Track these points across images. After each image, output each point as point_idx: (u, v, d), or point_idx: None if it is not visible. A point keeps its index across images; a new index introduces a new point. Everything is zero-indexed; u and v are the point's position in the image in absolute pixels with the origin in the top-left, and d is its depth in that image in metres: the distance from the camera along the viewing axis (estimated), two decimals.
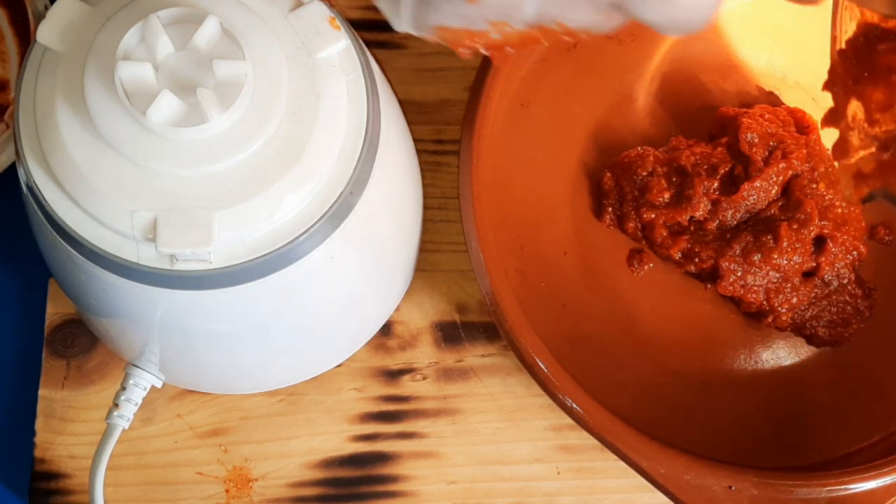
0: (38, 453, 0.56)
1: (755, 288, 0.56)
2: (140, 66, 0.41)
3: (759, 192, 0.56)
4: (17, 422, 0.57)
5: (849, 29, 0.53)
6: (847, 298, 0.58)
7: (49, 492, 0.56)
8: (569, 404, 0.52)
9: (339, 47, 0.45)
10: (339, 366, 0.58)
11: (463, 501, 0.56)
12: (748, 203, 0.56)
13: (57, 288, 0.58)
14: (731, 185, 0.57)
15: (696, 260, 0.57)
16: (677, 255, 0.58)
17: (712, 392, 0.57)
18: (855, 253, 0.57)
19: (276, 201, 0.43)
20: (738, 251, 0.56)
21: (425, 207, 0.58)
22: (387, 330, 0.59)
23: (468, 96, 0.56)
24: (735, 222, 0.57)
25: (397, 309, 0.59)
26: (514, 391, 0.58)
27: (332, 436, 0.57)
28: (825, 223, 0.57)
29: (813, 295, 0.57)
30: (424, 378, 0.58)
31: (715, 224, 0.57)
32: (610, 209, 0.59)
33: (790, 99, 0.62)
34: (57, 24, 0.44)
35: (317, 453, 0.57)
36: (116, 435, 0.52)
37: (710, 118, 0.60)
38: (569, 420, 0.52)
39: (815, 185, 0.57)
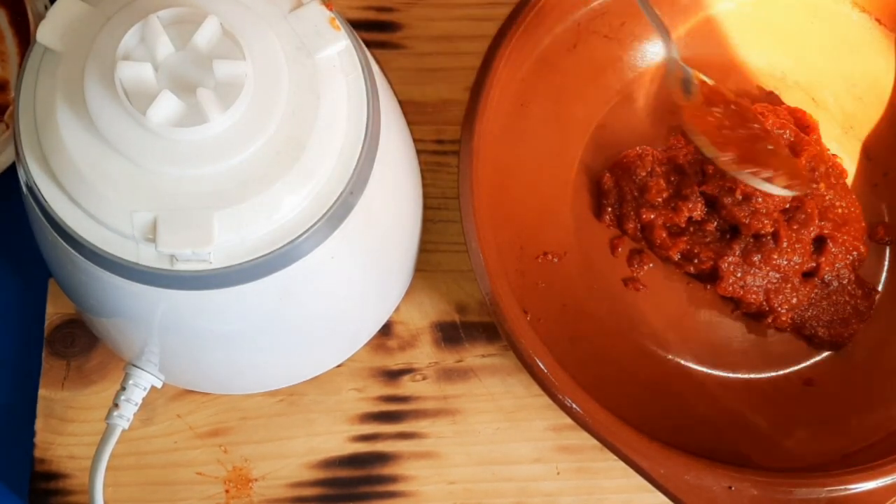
0: (37, 453, 0.56)
1: (755, 288, 0.56)
2: (140, 66, 0.41)
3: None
4: (16, 422, 0.57)
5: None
6: (847, 298, 0.58)
7: (49, 492, 0.56)
8: (568, 404, 0.52)
9: (339, 47, 0.45)
10: (339, 366, 0.58)
11: (463, 501, 0.56)
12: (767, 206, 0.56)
13: (57, 288, 0.58)
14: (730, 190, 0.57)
15: (696, 261, 0.57)
16: (677, 256, 0.58)
17: (712, 392, 0.57)
18: (855, 253, 0.57)
19: (276, 201, 0.43)
20: (737, 252, 0.56)
21: (425, 207, 0.58)
22: (387, 330, 0.59)
23: (468, 96, 0.56)
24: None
25: (397, 309, 0.59)
26: (514, 391, 0.58)
27: (331, 436, 0.57)
28: (825, 223, 0.57)
29: (813, 295, 0.57)
30: (424, 378, 0.58)
31: (714, 224, 0.57)
32: (610, 209, 0.59)
33: (790, 99, 0.62)
34: (57, 24, 0.44)
35: (317, 453, 0.57)
36: (116, 435, 0.52)
37: None
38: (569, 420, 0.52)
39: (815, 185, 0.57)
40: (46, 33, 0.44)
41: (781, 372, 0.58)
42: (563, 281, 0.58)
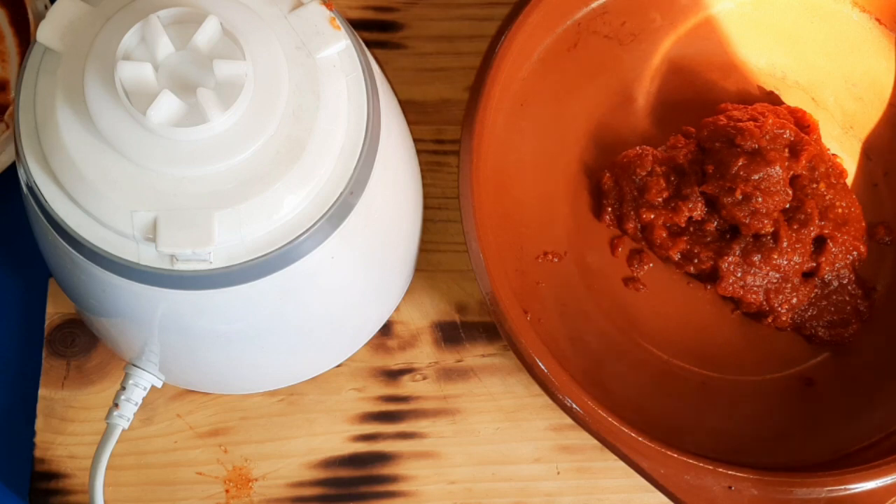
0: (38, 453, 0.56)
1: (755, 288, 0.56)
2: (140, 66, 0.41)
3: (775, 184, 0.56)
4: (17, 422, 0.57)
5: None
6: (847, 298, 0.58)
7: (49, 492, 0.56)
8: (569, 404, 0.52)
9: (340, 47, 0.45)
10: (339, 366, 0.58)
11: (463, 501, 0.56)
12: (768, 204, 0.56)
13: (57, 288, 0.58)
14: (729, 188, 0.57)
15: (696, 261, 0.57)
16: (677, 256, 0.58)
17: (712, 392, 0.57)
18: (855, 253, 0.57)
19: (276, 201, 0.43)
20: (737, 252, 0.56)
21: (425, 207, 0.58)
22: (387, 330, 0.59)
23: (468, 96, 0.56)
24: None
25: (397, 309, 0.59)
26: (514, 391, 0.58)
27: (332, 436, 0.57)
28: (825, 223, 0.57)
29: (813, 295, 0.57)
30: (424, 378, 0.58)
31: (714, 224, 0.57)
32: (609, 209, 0.59)
33: (790, 99, 0.62)
34: (57, 24, 0.44)
35: (317, 453, 0.57)
36: (116, 435, 0.52)
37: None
38: (569, 420, 0.52)
39: (815, 185, 0.57)
40: (46, 33, 0.44)
41: (781, 372, 0.58)
42: (563, 281, 0.58)
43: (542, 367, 0.52)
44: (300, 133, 0.43)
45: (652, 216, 0.58)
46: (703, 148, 0.58)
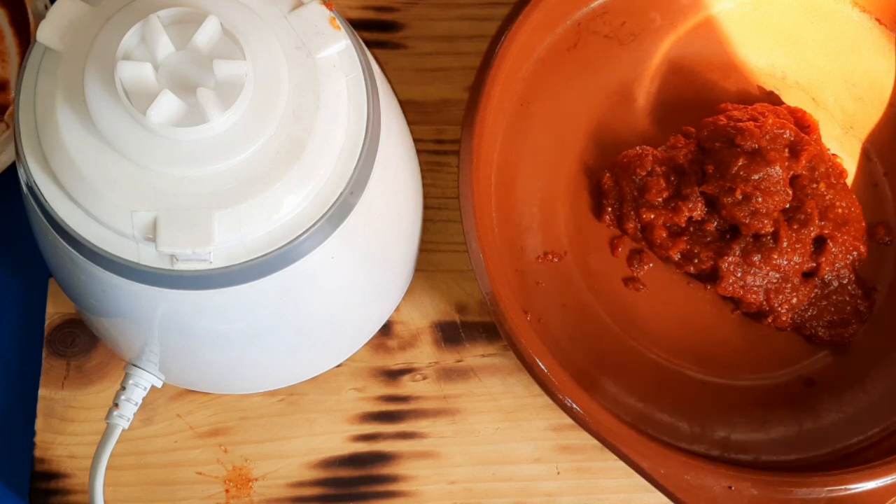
0: (38, 453, 0.56)
1: (755, 288, 0.56)
2: (140, 66, 0.41)
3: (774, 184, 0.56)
4: (17, 422, 0.57)
5: None
6: (847, 298, 0.58)
7: (49, 492, 0.56)
8: (569, 404, 0.52)
9: (340, 47, 0.45)
10: (339, 366, 0.58)
11: (463, 501, 0.56)
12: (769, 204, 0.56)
13: (57, 288, 0.58)
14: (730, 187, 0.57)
15: (696, 261, 0.57)
16: (677, 256, 0.58)
17: (712, 392, 0.57)
18: (855, 253, 0.57)
19: (276, 201, 0.43)
20: (737, 252, 0.56)
21: (425, 207, 0.58)
22: (387, 330, 0.59)
23: (468, 96, 0.56)
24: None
25: (397, 309, 0.59)
26: (514, 391, 0.58)
27: (332, 436, 0.57)
28: (825, 223, 0.57)
29: (813, 295, 0.57)
30: (424, 378, 0.58)
31: (714, 224, 0.57)
32: (609, 209, 0.59)
33: (790, 99, 0.62)
34: (57, 23, 0.44)
35: (317, 453, 0.57)
36: (116, 435, 0.52)
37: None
38: (569, 420, 0.52)
39: (815, 185, 0.57)
40: (47, 33, 0.44)
41: (781, 372, 0.58)
42: (563, 281, 0.58)
43: (542, 367, 0.52)
44: (300, 133, 0.43)
45: (652, 216, 0.58)
46: (703, 148, 0.58)
